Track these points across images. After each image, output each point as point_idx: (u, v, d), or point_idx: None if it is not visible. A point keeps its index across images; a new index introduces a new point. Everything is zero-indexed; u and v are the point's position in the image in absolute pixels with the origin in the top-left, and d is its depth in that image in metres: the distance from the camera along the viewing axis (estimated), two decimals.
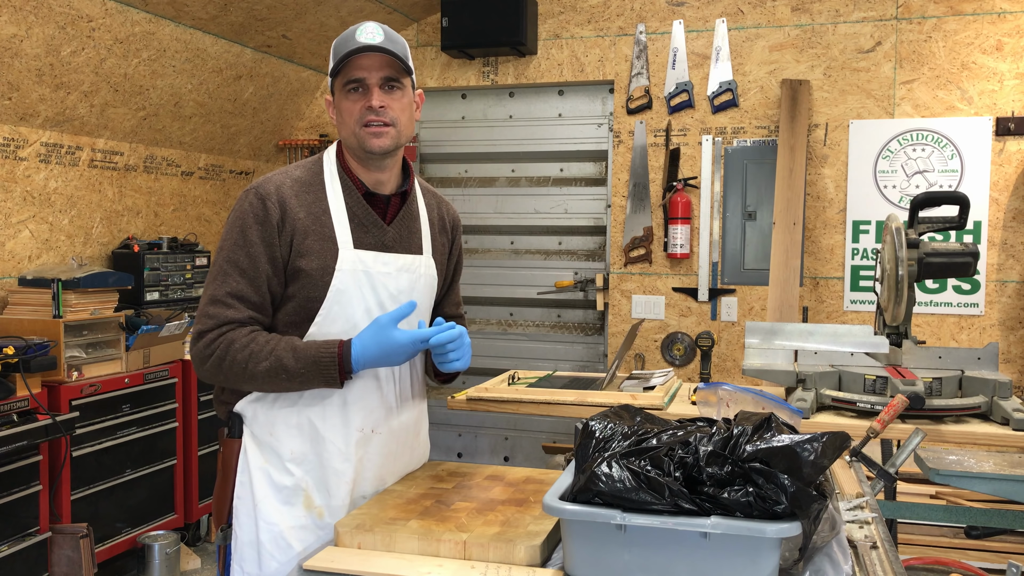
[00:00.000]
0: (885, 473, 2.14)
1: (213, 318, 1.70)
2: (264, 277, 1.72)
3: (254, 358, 1.66)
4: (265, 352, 1.66)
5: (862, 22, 4.32)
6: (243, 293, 1.71)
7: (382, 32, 1.73)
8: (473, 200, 5.09)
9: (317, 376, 1.67)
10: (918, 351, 2.85)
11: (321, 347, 1.67)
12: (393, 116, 1.75)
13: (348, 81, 1.74)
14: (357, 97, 1.74)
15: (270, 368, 1.66)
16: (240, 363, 1.67)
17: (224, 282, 1.71)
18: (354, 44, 1.70)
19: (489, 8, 4.52)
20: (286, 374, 1.66)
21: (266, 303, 1.74)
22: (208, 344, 1.69)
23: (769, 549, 1.26)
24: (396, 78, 1.75)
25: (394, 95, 1.75)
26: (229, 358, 1.67)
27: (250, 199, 1.73)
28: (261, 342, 1.68)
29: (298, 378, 1.67)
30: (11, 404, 3.10)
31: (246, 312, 1.71)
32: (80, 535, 3.28)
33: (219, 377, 1.72)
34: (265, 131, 5.02)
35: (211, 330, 1.69)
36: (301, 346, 1.68)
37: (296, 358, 1.66)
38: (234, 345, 1.67)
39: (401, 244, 1.85)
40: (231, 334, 1.69)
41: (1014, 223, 4.19)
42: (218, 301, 1.70)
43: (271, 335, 1.71)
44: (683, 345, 4.61)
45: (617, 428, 1.42)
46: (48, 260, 3.84)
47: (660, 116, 4.63)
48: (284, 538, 1.73)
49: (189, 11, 3.86)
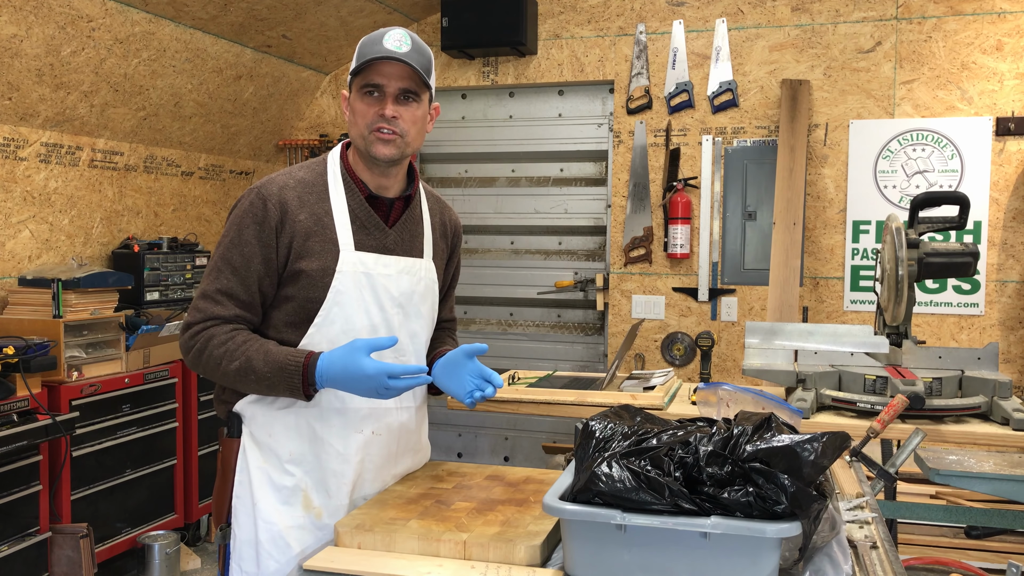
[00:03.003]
0: (885, 473, 2.14)
1: (201, 312, 1.73)
2: (255, 277, 1.74)
3: (228, 356, 1.69)
4: (240, 352, 1.69)
5: (862, 22, 4.32)
6: (233, 291, 1.73)
7: (410, 41, 1.73)
8: (473, 200, 5.09)
9: (282, 382, 1.67)
10: (918, 351, 2.85)
11: (290, 355, 1.68)
12: (404, 128, 1.75)
13: (366, 84, 1.74)
14: (372, 101, 1.75)
15: (240, 368, 1.68)
16: (216, 359, 1.70)
17: (216, 279, 1.74)
18: (380, 49, 1.71)
19: (489, 8, 4.52)
20: (254, 375, 1.68)
21: (255, 303, 1.76)
22: (192, 336, 1.73)
23: (769, 549, 1.26)
24: (414, 91, 1.76)
25: (409, 106, 1.76)
26: (207, 353, 1.71)
27: (251, 199, 1.75)
28: (239, 341, 1.70)
29: (265, 381, 1.68)
30: (11, 404, 3.10)
31: (233, 310, 1.73)
32: (80, 535, 3.28)
33: (199, 369, 1.76)
34: (265, 131, 5.02)
35: (197, 323, 1.73)
36: (273, 350, 1.69)
37: (265, 361, 1.67)
38: (213, 341, 1.70)
39: (402, 247, 1.85)
40: (214, 329, 1.72)
41: (1014, 223, 4.19)
42: (208, 296, 1.74)
43: (251, 335, 1.73)
44: (683, 345, 4.61)
45: (617, 428, 1.42)
46: (48, 260, 3.84)
47: (660, 116, 4.63)
48: (283, 538, 1.73)
49: (189, 11, 3.86)
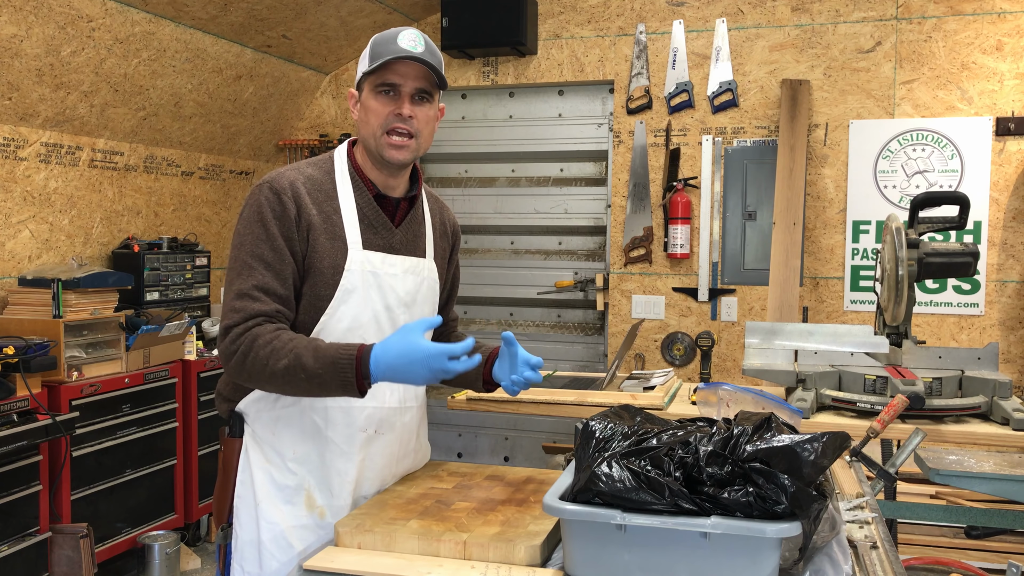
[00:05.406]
0: (885, 473, 2.14)
1: (240, 312, 1.64)
2: (290, 271, 1.69)
3: (275, 355, 1.59)
4: (287, 349, 1.59)
5: (862, 22, 4.32)
6: (270, 286, 1.66)
7: (423, 42, 1.73)
8: (473, 200, 5.09)
9: (334, 378, 1.58)
10: (918, 351, 2.85)
11: (341, 348, 1.60)
12: (418, 128, 1.75)
13: (382, 84, 1.74)
14: (387, 100, 1.74)
15: (288, 366, 1.58)
16: (262, 360, 1.60)
17: (250, 275, 1.66)
18: (397, 49, 1.70)
19: (489, 8, 4.52)
20: (304, 373, 1.58)
21: (291, 297, 1.70)
22: (234, 340, 1.63)
23: (769, 549, 1.26)
24: (428, 91, 1.76)
25: (423, 107, 1.76)
26: (252, 354, 1.61)
27: (265, 193, 1.71)
28: (284, 339, 1.61)
29: (316, 379, 1.59)
30: (11, 404, 3.10)
31: (273, 305, 1.66)
32: (80, 535, 3.28)
33: (243, 375, 1.65)
34: (265, 131, 5.02)
35: (237, 324, 1.63)
36: (322, 346, 1.61)
37: (315, 357, 1.59)
38: (258, 341, 1.61)
39: (407, 247, 1.85)
40: (257, 329, 1.62)
41: (1014, 223, 4.19)
42: (244, 295, 1.65)
43: (296, 334, 1.66)
44: (683, 345, 4.61)
45: (617, 428, 1.41)
46: (48, 260, 3.83)
47: (660, 116, 4.63)
48: (285, 537, 1.73)
49: (189, 11, 3.85)
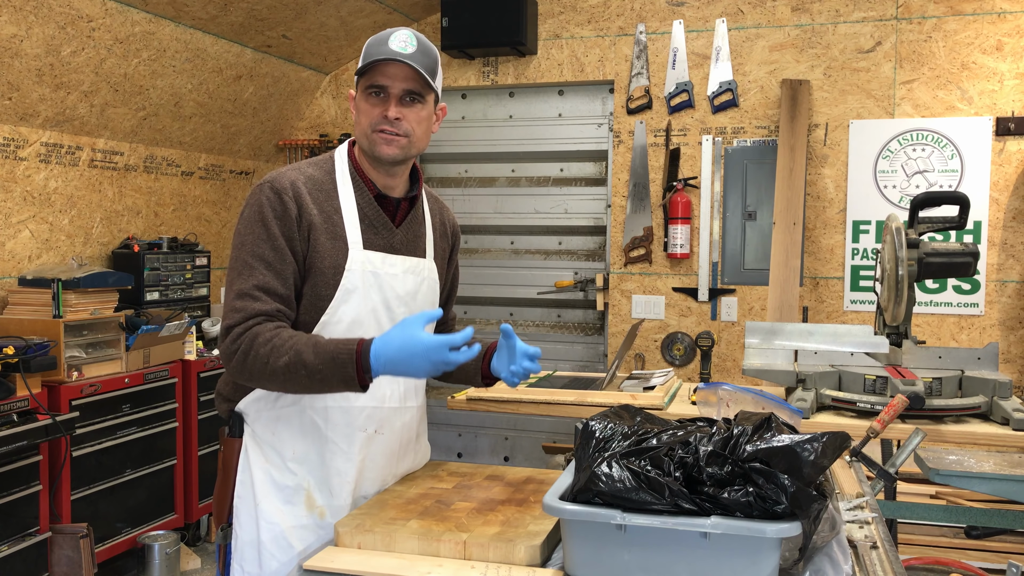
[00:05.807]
0: (885, 473, 2.14)
1: (240, 311, 1.64)
2: (290, 270, 1.69)
3: (275, 352, 1.59)
4: (287, 346, 1.59)
5: (862, 22, 4.32)
6: (270, 286, 1.67)
7: (415, 42, 1.73)
8: (473, 200, 5.09)
9: (335, 374, 1.59)
10: (918, 351, 2.85)
11: (341, 344, 1.60)
12: (407, 128, 1.75)
13: (371, 85, 1.74)
14: (376, 102, 1.74)
15: (288, 363, 1.59)
16: (262, 358, 1.60)
17: (251, 275, 1.67)
18: (385, 51, 1.70)
19: (489, 8, 4.52)
20: (305, 370, 1.58)
21: (292, 297, 1.70)
22: (234, 339, 1.63)
23: (769, 549, 1.26)
24: (418, 92, 1.75)
25: (413, 108, 1.75)
26: (252, 353, 1.61)
27: (266, 193, 1.71)
28: (284, 337, 1.61)
29: (316, 376, 1.59)
30: (11, 404, 3.10)
31: (274, 305, 1.66)
32: (80, 535, 3.28)
33: (244, 374, 1.65)
34: (265, 131, 5.02)
35: (238, 324, 1.64)
36: (322, 342, 1.61)
37: (316, 354, 1.59)
38: (258, 339, 1.61)
39: (407, 247, 1.85)
40: (257, 328, 1.63)
41: (1014, 223, 4.19)
42: (245, 295, 1.65)
43: (296, 331, 1.66)
44: (683, 345, 4.61)
45: (617, 428, 1.41)
46: (48, 260, 3.83)
47: (660, 116, 4.63)
48: (285, 537, 1.73)
49: (189, 11, 3.85)
